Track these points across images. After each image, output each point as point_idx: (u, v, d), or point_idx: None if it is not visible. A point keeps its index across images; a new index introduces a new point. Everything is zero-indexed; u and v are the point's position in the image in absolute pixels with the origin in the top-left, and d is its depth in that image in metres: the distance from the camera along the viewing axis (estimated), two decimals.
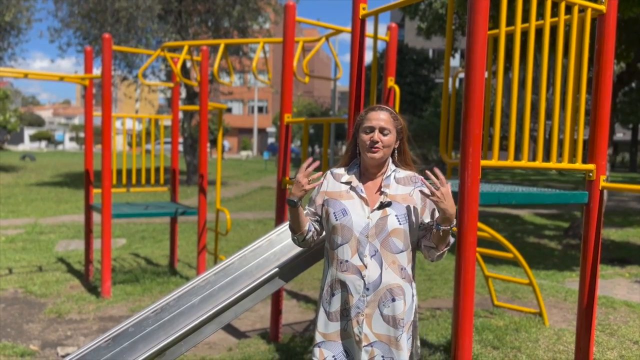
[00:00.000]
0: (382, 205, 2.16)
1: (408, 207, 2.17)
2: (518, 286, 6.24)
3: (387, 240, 2.14)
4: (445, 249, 2.17)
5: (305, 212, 2.32)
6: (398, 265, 2.15)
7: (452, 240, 2.18)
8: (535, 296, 5.01)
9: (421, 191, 2.12)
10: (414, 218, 2.18)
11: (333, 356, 2.21)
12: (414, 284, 2.24)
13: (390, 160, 2.27)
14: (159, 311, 2.61)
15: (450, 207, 2.06)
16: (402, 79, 31.80)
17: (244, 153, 48.47)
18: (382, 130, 2.18)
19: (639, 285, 6.59)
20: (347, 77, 3.64)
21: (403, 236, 2.15)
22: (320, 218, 2.31)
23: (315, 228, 2.32)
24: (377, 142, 2.16)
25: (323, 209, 2.27)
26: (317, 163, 2.25)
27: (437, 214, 2.15)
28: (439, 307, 5.53)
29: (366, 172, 2.26)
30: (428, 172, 2.14)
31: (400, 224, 2.14)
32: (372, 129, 2.18)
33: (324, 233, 2.34)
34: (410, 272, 2.20)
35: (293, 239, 2.35)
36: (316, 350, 2.24)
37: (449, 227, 2.09)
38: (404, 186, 2.22)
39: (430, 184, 2.14)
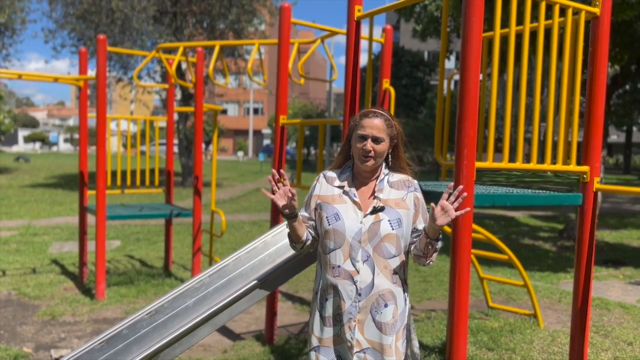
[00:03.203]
0: (375, 210, 2.14)
1: (401, 212, 2.16)
2: (513, 288, 6.25)
3: (380, 245, 2.12)
4: (434, 254, 2.16)
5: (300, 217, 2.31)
6: (390, 270, 2.14)
7: (439, 245, 2.16)
8: (530, 298, 5.02)
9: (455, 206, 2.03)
10: (406, 223, 2.17)
11: None
12: (406, 288, 2.23)
13: (383, 164, 2.25)
14: (153, 313, 2.60)
15: (443, 223, 2.02)
16: (397, 81, 31.85)
17: (240, 154, 48.60)
18: (375, 139, 2.14)
19: (633, 286, 6.62)
20: (343, 78, 3.64)
21: (396, 241, 2.14)
22: (315, 222, 2.29)
23: (311, 234, 2.28)
24: (370, 151, 2.14)
25: (316, 212, 2.25)
26: (272, 174, 2.15)
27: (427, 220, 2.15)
28: (434, 309, 5.54)
29: (359, 176, 2.24)
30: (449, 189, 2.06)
31: (393, 229, 2.13)
32: (364, 138, 2.14)
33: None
34: (402, 276, 2.19)
35: (292, 247, 2.31)
36: (312, 354, 2.22)
37: (440, 236, 2.11)
38: (397, 190, 2.20)
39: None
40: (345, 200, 2.19)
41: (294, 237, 2.24)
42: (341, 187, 2.23)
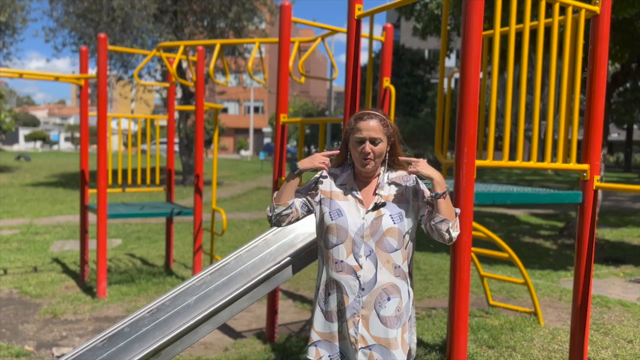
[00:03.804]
0: (377, 206, 2.18)
1: (401, 206, 2.19)
2: (513, 286, 6.26)
3: (382, 240, 2.15)
4: (455, 218, 2.14)
5: (297, 191, 2.29)
6: (392, 264, 2.16)
7: (458, 210, 2.18)
8: (530, 296, 5.03)
9: (409, 169, 2.18)
10: (407, 216, 2.19)
11: (329, 356, 2.21)
12: (409, 280, 2.25)
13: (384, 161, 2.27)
14: (155, 311, 2.61)
15: (433, 171, 2.13)
16: (398, 79, 31.83)
17: (248, 152, 48.44)
18: (372, 141, 2.15)
19: (634, 284, 6.63)
20: (343, 77, 3.65)
21: (397, 235, 2.16)
22: (308, 206, 2.29)
23: (296, 208, 2.27)
24: (369, 153, 2.15)
25: (318, 206, 2.28)
26: (337, 152, 2.32)
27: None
28: (435, 307, 5.55)
29: (360, 175, 2.27)
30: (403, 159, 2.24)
31: (394, 223, 2.16)
32: (362, 141, 2.16)
33: (300, 218, 2.31)
34: (405, 269, 2.21)
35: (270, 208, 2.29)
36: (312, 349, 2.24)
37: (445, 190, 2.10)
38: (396, 186, 2.23)
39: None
40: (348, 197, 2.22)
41: (283, 197, 2.24)
42: (344, 184, 2.25)
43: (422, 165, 2.14)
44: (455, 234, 2.15)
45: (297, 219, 2.32)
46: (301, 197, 2.29)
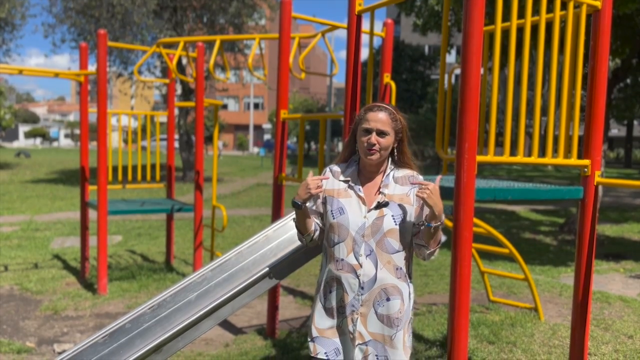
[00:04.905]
0: (379, 205, 2.15)
1: (404, 207, 2.16)
2: (514, 281, 6.27)
3: (383, 240, 2.13)
4: (436, 247, 2.15)
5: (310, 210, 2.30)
6: (393, 266, 2.15)
7: (443, 238, 2.16)
8: (531, 291, 5.03)
9: (417, 192, 2.10)
10: (409, 218, 2.17)
11: (325, 352, 2.21)
12: (410, 282, 2.24)
13: (389, 159, 2.25)
14: (156, 307, 2.61)
15: (438, 203, 2.05)
16: (398, 75, 31.80)
17: (256, 150, 48.10)
18: (379, 133, 2.14)
19: (634, 280, 6.63)
20: (343, 73, 3.64)
21: (399, 236, 2.14)
22: (322, 215, 2.30)
23: (319, 226, 2.30)
24: (374, 144, 2.14)
25: (323, 206, 2.27)
26: (327, 177, 2.26)
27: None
28: (435, 303, 5.56)
29: (364, 170, 2.24)
30: (414, 181, 2.17)
31: (396, 224, 2.13)
32: (369, 131, 2.14)
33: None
34: (406, 271, 2.20)
35: (300, 240, 2.33)
36: (310, 345, 2.25)
37: (438, 224, 2.08)
38: (401, 186, 2.20)
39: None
40: (350, 194, 2.20)
41: (301, 229, 2.26)
42: (346, 181, 2.24)
43: (429, 195, 2.03)
44: (430, 258, 2.17)
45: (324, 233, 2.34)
46: (314, 212, 2.30)
